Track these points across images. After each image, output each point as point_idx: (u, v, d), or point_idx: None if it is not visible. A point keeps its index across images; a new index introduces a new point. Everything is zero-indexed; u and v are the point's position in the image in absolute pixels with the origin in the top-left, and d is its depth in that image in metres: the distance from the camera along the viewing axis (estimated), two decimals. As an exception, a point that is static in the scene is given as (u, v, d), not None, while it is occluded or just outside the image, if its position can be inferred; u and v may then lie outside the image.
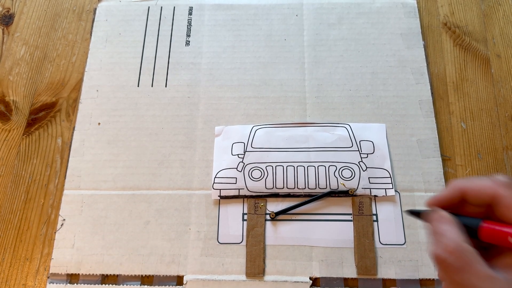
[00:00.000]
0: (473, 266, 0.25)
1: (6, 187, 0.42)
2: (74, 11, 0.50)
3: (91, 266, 0.38)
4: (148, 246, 0.39)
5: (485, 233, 0.26)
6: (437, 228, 0.27)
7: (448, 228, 0.27)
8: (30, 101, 0.45)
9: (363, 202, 0.39)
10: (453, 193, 0.28)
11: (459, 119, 0.43)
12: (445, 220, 0.27)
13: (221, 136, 0.42)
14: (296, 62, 0.46)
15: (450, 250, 0.26)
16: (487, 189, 0.27)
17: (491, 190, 0.26)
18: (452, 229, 0.27)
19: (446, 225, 0.27)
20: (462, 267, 0.25)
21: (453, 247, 0.26)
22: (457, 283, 0.25)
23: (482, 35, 0.47)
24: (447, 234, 0.26)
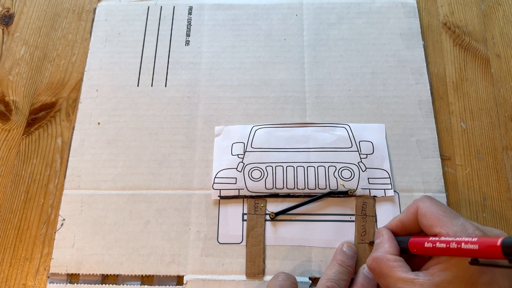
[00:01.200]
0: (392, 271, 0.30)
1: (6, 187, 0.42)
2: (74, 11, 0.50)
3: (91, 266, 0.38)
4: (148, 246, 0.39)
5: (411, 246, 0.31)
6: (375, 244, 0.34)
7: (379, 242, 0.33)
8: (30, 101, 0.45)
9: (367, 203, 0.39)
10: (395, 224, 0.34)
11: (458, 119, 0.43)
12: (379, 234, 0.34)
13: (221, 136, 0.42)
14: (296, 62, 0.46)
15: (376, 259, 0.32)
16: (411, 208, 0.33)
17: (414, 207, 0.32)
18: (382, 242, 0.33)
19: (378, 239, 0.34)
20: (386, 273, 0.30)
21: (378, 256, 0.32)
22: (383, 285, 0.31)
23: (482, 35, 0.47)
24: (377, 247, 0.33)
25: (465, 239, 0.26)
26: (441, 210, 0.30)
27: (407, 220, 0.33)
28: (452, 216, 0.30)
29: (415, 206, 0.32)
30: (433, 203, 0.31)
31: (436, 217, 0.30)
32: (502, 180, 0.41)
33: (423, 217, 0.31)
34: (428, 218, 0.30)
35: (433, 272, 0.28)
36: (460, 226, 0.29)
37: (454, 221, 0.29)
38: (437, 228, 0.30)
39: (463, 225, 0.29)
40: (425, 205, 0.31)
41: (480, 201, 0.40)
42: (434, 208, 0.31)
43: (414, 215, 0.32)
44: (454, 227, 0.29)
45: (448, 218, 0.30)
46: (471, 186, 0.41)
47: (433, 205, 0.31)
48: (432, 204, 0.31)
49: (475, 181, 0.41)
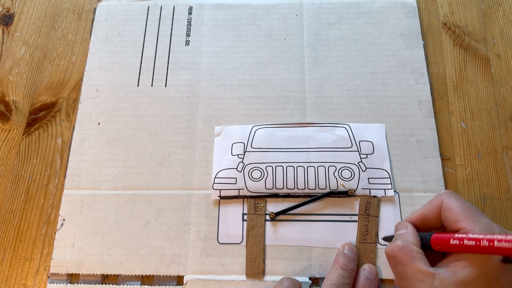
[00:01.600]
0: (413, 261, 0.30)
1: (6, 187, 0.42)
2: (74, 11, 0.50)
3: (91, 266, 0.38)
4: (148, 246, 0.39)
5: (434, 242, 0.31)
6: (396, 233, 0.34)
7: (403, 233, 0.33)
8: (30, 101, 0.45)
9: (371, 203, 0.39)
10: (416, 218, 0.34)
11: (458, 119, 0.43)
12: (403, 226, 0.34)
13: (221, 136, 0.42)
14: (296, 62, 0.46)
15: (399, 247, 0.31)
16: (435, 202, 0.32)
17: (438, 201, 0.32)
18: (406, 233, 0.33)
19: (402, 230, 0.33)
20: (405, 262, 0.30)
21: (402, 245, 0.31)
22: (399, 274, 0.31)
23: (482, 35, 0.47)
24: (401, 237, 0.33)
25: (497, 237, 0.26)
26: (466, 206, 0.30)
27: (429, 213, 0.32)
28: (478, 214, 0.29)
29: (439, 199, 0.32)
30: (458, 198, 0.31)
31: (462, 212, 0.30)
32: (502, 180, 0.41)
33: (448, 211, 0.31)
34: (453, 213, 0.30)
35: (455, 270, 0.28)
36: (486, 224, 0.28)
37: (480, 219, 0.29)
38: (462, 223, 0.29)
39: (489, 224, 0.28)
40: (450, 199, 0.31)
41: (480, 201, 0.40)
42: (459, 203, 0.30)
43: (438, 208, 0.32)
44: (480, 224, 0.28)
45: (474, 215, 0.29)
46: (471, 186, 0.41)
47: (458, 200, 0.31)
48: (457, 199, 0.31)
49: (475, 181, 0.41)
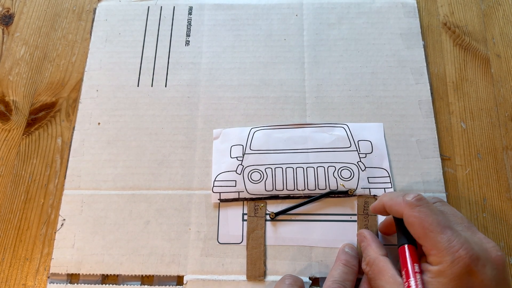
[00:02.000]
0: (385, 273, 0.30)
1: (6, 187, 0.42)
2: (74, 11, 0.50)
3: (91, 266, 0.38)
4: (148, 246, 0.39)
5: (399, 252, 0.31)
6: (362, 246, 0.35)
7: (367, 244, 0.34)
8: (30, 101, 0.45)
9: (369, 202, 0.39)
10: (380, 205, 0.34)
11: (458, 119, 0.43)
12: (363, 238, 0.35)
13: (219, 139, 0.42)
14: (296, 62, 0.46)
15: (368, 262, 0.32)
16: (397, 207, 0.31)
17: (400, 208, 0.31)
18: (371, 244, 0.34)
19: (365, 242, 0.34)
20: (376, 275, 0.31)
21: (370, 259, 0.32)
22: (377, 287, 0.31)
23: (482, 35, 0.47)
24: (366, 250, 0.34)
25: None
26: (428, 222, 0.28)
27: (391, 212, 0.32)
28: (439, 231, 0.28)
29: (401, 209, 0.30)
30: (421, 211, 0.29)
31: (421, 230, 0.28)
32: (502, 180, 0.41)
33: (409, 225, 0.30)
34: (415, 229, 0.29)
35: None
36: (445, 242, 0.27)
37: (439, 237, 0.28)
38: (421, 241, 0.29)
39: (449, 241, 0.27)
40: (411, 214, 0.29)
41: (480, 201, 0.40)
42: (421, 218, 0.29)
43: (398, 214, 0.31)
44: (438, 244, 0.27)
45: (433, 232, 0.28)
46: (471, 186, 0.41)
47: (421, 214, 0.29)
48: (420, 212, 0.29)
49: (475, 181, 0.41)
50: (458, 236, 0.28)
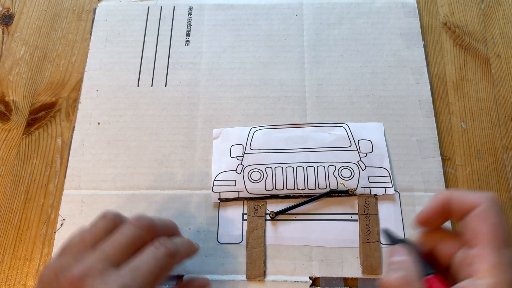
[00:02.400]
0: None
1: (6, 187, 0.42)
2: (74, 11, 0.50)
3: (91, 266, 0.38)
4: (148, 246, 0.39)
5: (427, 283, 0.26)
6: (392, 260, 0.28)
7: (403, 260, 0.27)
8: (30, 101, 0.45)
9: (369, 202, 0.39)
10: (439, 203, 0.27)
11: (459, 119, 0.43)
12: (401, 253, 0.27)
13: (219, 139, 0.42)
14: (296, 62, 0.46)
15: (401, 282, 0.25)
16: (471, 197, 0.25)
17: (474, 199, 0.25)
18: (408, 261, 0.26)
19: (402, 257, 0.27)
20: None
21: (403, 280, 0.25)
22: None
23: (482, 35, 0.47)
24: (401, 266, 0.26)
25: None
26: (503, 229, 0.24)
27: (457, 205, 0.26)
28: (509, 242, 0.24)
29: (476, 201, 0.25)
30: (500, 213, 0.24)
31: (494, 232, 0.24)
32: (503, 180, 0.41)
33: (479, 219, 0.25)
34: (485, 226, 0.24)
35: None
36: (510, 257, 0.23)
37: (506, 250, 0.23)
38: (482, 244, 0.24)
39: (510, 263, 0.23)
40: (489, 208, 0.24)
41: (481, 201, 0.40)
42: (498, 220, 0.24)
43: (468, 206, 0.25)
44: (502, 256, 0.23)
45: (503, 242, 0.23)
46: (471, 186, 0.41)
47: (500, 217, 0.24)
48: (499, 215, 0.24)
49: (475, 181, 0.41)
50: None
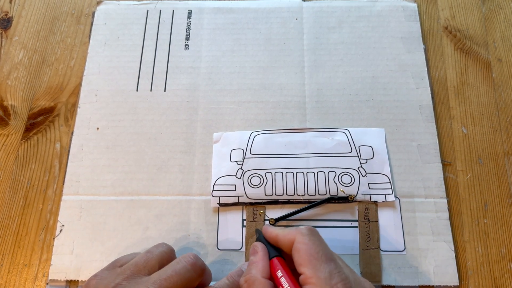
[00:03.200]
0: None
1: (4, 193, 0.41)
2: (73, 15, 0.49)
3: (91, 272, 0.38)
4: (147, 252, 0.38)
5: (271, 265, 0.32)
6: (250, 260, 0.33)
7: (255, 260, 0.32)
8: (29, 105, 0.45)
9: (369, 208, 0.39)
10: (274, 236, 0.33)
11: (460, 124, 0.43)
12: (254, 251, 0.33)
13: (220, 143, 0.42)
14: (295, 66, 0.46)
15: (247, 280, 0.30)
16: (289, 235, 0.31)
17: (291, 235, 0.31)
18: (258, 262, 0.32)
19: (255, 257, 0.32)
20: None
21: (250, 278, 0.30)
22: None
23: (483, 39, 0.47)
24: (251, 266, 0.32)
25: None
26: (316, 250, 0.29)
27: (283, 243, 0.32)
28: (324, 260, 0.29)
29: (293, 236, 0.31)
30: (311, 240, 0.30)
31: (307, 256, 0.29)
32: (504, 185, 0.41)
33: (296, 252, 0.30)
34: (300, 256, 0.29)
35: None
36: (327, 273, 0.28)
37: (322, 266, 0.28)
38: (303, 268, 0.29)
39: (330, 273, 0.28)
40: (302, 240, 0.30)
41: (482, 207, 0.40)
42: (309, 246, 0.29)
43: (290, 243, 0.31)
44: (319, 273, 0.28)
45: (318, 261, 0.28)
46: (472, 191, 0.40)
47: (311, 242, 0.30)
48: (310, 240, 0.30)
49: (476, 187, 0.41)
50: (340, 271, 0.28)
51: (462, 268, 0.38)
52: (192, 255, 0.33)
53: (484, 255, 0.38)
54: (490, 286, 0.37)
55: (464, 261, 0.38)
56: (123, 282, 0.30)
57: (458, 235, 0.39)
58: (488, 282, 0.37)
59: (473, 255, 0.38)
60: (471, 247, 0.38)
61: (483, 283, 0.37)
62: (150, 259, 0.32)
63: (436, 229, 0.38)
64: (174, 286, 0.30)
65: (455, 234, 0.39)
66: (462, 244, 0.39)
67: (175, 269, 0.31)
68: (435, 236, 0.38)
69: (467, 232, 0.39)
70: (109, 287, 0.30)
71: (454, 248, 0.38)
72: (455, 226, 0.39)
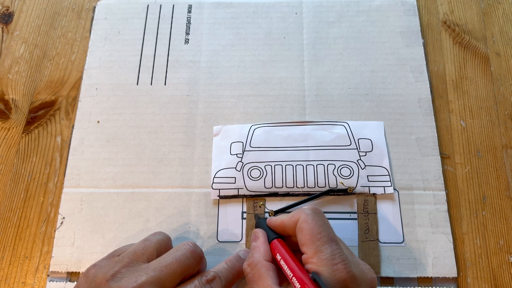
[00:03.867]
0: (263, 279, 0.30)
1: (5, 186, 0.42)
2: (74, 9, 0.50)
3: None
4: (148, 244, 0.39)
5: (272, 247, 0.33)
6: (251, 246, 0.34)
7: (256, 245, 0.33)
8: (30, 99, 0.45)
9: (368, 200, 0.39)
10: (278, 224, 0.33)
11: (458, 117, 0.43)
12: (255, 236, 0.34)
13: (220, 136, 0.42)
14: (295, 60, 0.46)
15: (250, 264, 0.31)
16: (294, 216, 0.32)
17: (297, 216, 0.31)
18: (258, 246, 0.33)
19: (256, 242, 0.33)
20: (255, 279, 0.30)
21: (253, 262, 0.31)
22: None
23: (482, 33, 0.47)
24: (253, 251, 0.33)
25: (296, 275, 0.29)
26: (318, 230, 0.30)
27: (288, 225, 0.32)
28: (326, 240, 0.29)
29: (298, 215, 0.31)
30: (315, 219, 0.30)
31: (309, 236, 0.29)
32: (502, 178, 0.41)
33: (299, 231, 0.30)
34: (303, 235, 0.30)
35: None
36: (328, 253, 0.28)
37: (324, 247, 0.29)
38: (305, 248, 0.29)
39: (332, 253, 0.28)
40: (306, 219, 0.30)
41: (480, 200, 0.40)
42: (312, 225, 0.30)
43: (295, 224, 0.31)
44: (321, 253, 0.28)
45: (320, 241, 0.29)
46: (470, 184, 0.41)
47: (314, 222, 0.30)
48: (313, 220, 0.30)
49: (475, 180, 0.41)
50: (341, 252, 0.29)
51: (461, 260, 0.38)
52: (191, 243, 0.33)
53: (482, 247, 0.38)
54: (488, 278, 0.37)
55: (462, 253, 0.38)
56: (122, 269, 0.30)
57: (456, 227, 0.39)
58: (486, 274, 0.38)
59: (471, 247, 0.38)
60: (470, 239, 0.39)
61: (481, 275, 0.37)
62: (148, 246, 0.33)
63: (434, 221, 0.39)
64: (174, 273, 0.30)
65: (453, 226, 0.39)
66: (460, 236, 0.39)
67: (175, 256, 0.31)
68: (434, 228, 0.38)
69: (465, 224, 0.39)
70: (108, 275, 0.30)
71: (453, 240, 0.38)
72: (453, 218, 0.39)
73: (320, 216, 0.31)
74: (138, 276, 0.29)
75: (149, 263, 0.31)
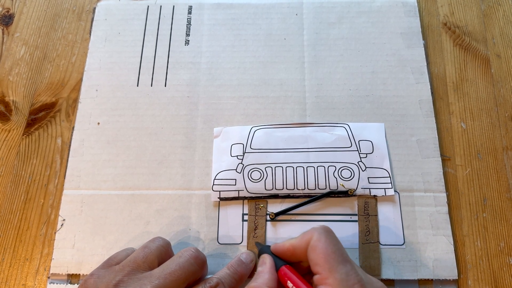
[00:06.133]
0: None
1: (6, 187, 0.42)
2: (74, 11, 0.50)
3: (92, 267, 0.38)
4: (148, 246, 0.39)
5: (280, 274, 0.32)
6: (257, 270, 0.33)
7: (261, 271, 0.32)
8: (30, 101, 0.45)
9: (369, 202, 0.39)
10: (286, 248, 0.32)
11: (459, 119, 0.43)
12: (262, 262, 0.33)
13: (220, 138, 0.42)
14: (295, 62, 0.46)
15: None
16: (306, 236, 0.31)
17: (309, 236, 0.30)
18: (263, 272, 0.32)
19: (262, 268, 0.32)
20: None
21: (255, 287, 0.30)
22: None
23: (482, 35, 0.47)
24: (257, 276, 0.32)
25: None
26: (332, 250, 0.29)
27: (299, 247, 0.31)
28: (340, 261, 0.28)
29: (310, 235, 0.30)
30: (328, 238, 0.30)
31: (324, 256, 0.29)
32: (503, 180, 0.41)
33: (312, 251, 0.30)
34: (316, 254, 0.29)
35: None
36: (343, 274, 0.28)
37: (339, 267, 0.28)
38: (319, 268, 0.29)
39: (347, 274, 0.28)
40: (320, 238, 0.30)
41: (481, 202, 0.40)
42: (326, 245, 0.29)
43: (306, 244, 0.30)
44: (336, 274, 0.28)
45: (335, 261, 0.28)
46: (471, 186, 0.41)
47: (327, 241, 0.29)
48: (327, 239, 0.30)
49: (475, 182, 0.41)
50: (356, 272, 0.28)
51: (461, 262, 0.38)
52: (193, 249, 0.33)
53: (483, 249, 0.38)
54: (489, 280, 0.37)
55: (463, 255, 0.38)
56: (125, 278, 0.30)
57: (457, 229, 0.39)
58: (487, 276, 0.38)
59: (472, 249, 0.38)
60: (470, 241, 0.39)
61: (482, 277, 0.37)
62: (149, 254, 0.32)
63: (435, 223, 0.39)
64: (178, 280, 0.30)
65: (454, 228, 0.39)
66: (461, 238, 0.39)
67: (178, 263, 0.31)
68: (435, 230, 0.38)
69: (466, 226, 0.39)
70: (111, 285, 0.29)
71: (453, 242, 0.38)
72: (454, 220, 0.39)
73: (333, 235, 0.30)
74: (142, 285, 0.29)
75: (151, 271, 0.31)
